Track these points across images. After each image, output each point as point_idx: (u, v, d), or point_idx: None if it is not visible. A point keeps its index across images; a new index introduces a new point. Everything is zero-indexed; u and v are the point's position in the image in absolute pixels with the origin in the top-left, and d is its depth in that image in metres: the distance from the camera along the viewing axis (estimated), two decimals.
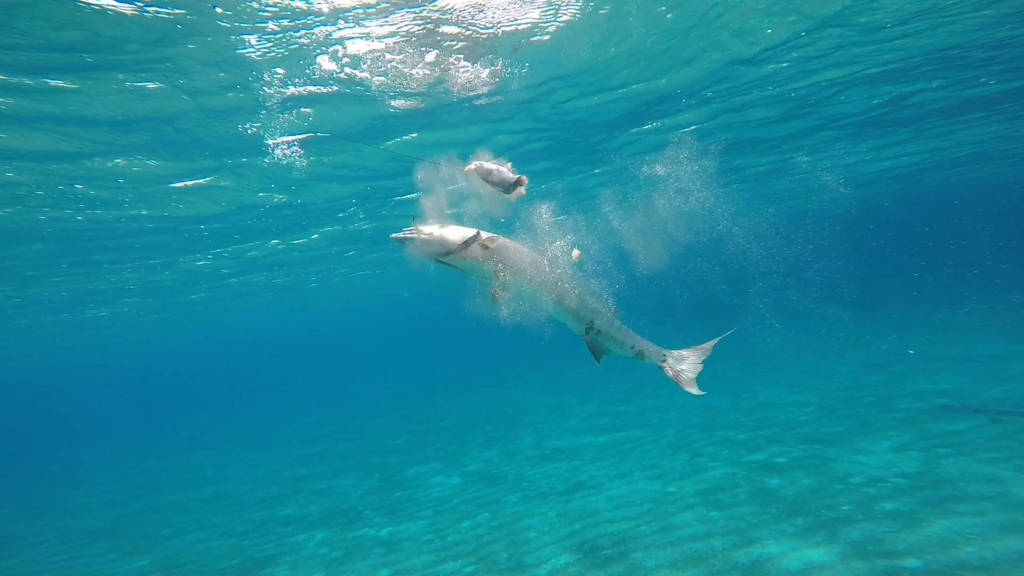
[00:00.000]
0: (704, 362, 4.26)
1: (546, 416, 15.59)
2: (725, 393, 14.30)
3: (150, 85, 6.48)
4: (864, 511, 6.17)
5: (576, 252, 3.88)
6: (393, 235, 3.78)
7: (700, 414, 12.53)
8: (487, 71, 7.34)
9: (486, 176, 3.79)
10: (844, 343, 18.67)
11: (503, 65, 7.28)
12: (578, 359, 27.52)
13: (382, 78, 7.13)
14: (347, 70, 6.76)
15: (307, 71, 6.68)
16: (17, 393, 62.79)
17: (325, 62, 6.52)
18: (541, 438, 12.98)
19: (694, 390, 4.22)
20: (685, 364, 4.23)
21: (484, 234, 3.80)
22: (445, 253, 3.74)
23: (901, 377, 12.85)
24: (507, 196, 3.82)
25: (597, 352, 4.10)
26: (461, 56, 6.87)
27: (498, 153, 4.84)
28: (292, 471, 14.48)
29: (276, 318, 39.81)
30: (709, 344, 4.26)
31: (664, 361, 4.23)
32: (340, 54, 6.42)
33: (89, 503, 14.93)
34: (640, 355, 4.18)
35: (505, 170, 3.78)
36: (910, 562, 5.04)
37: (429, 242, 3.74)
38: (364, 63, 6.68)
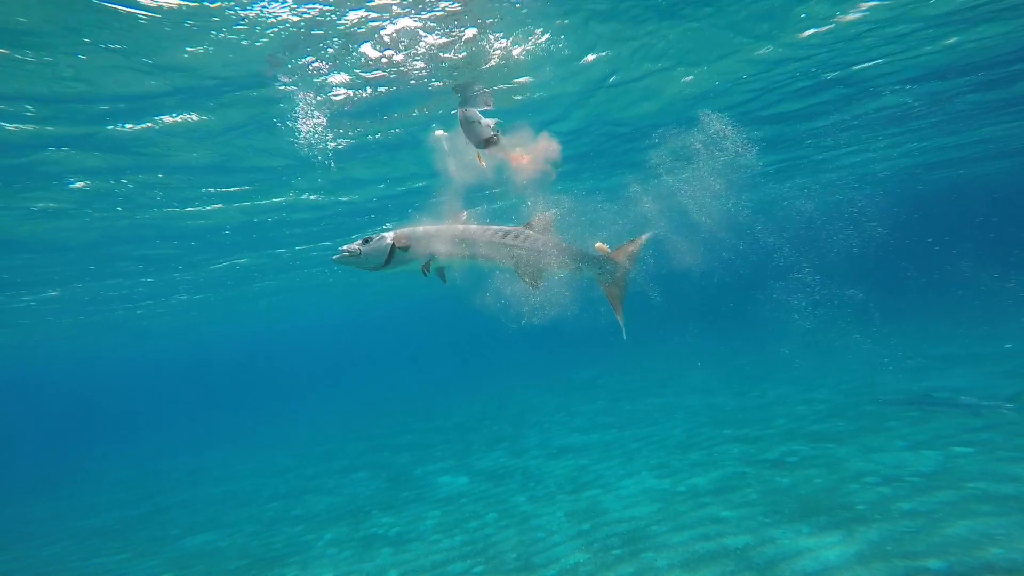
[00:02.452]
0: (627, 278, 4.08)
1: (552, 415, 15.49)
2: (733, 392, 14.15)
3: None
4: (881, 511, 6.04)
5: (600, 245, 3.81)
6: (334, 257, 3.85)
7: (708, 412, 12.40)
8: (520, 49, 7.01)
9: (466, 125, 3.71)
10: (853, 342, 18.43)
11: (541, 34, 6.74)
12: (583, 359, 27.38)
13: (421, 63, 6.80)
14: (387, 52, 6.46)
15: (352, 58, 6.44)
16: (25, 395, 63.60)
17: (369, 50, 6.30)
18: (548, 437, 12.90)
19: (620, 313, 4.07)
20: (617, 273, 4.07)
21: (395, 234, 3.84)
22: (378, 266, 3.80)
23: (913, 375, 12.65)
24: (482, 150, 3.78)
25: (532, 279, 3.93)
26: (499, 34, 6.60)
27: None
28: (300, 471, 14.50)
29: (282, 318, 40.00)
30: (632, 248, 4.09)
31: (600, 272, 4.05)
32: (383, 35, 6.12)
33: (100, 503, 15.03)
34: (578, 270, 4.04)
35: (485, 125, 3.70)
36: (932, 563, 4.91)
37: (360, 260, 3.79)
38: (402, 43, 6.31)
